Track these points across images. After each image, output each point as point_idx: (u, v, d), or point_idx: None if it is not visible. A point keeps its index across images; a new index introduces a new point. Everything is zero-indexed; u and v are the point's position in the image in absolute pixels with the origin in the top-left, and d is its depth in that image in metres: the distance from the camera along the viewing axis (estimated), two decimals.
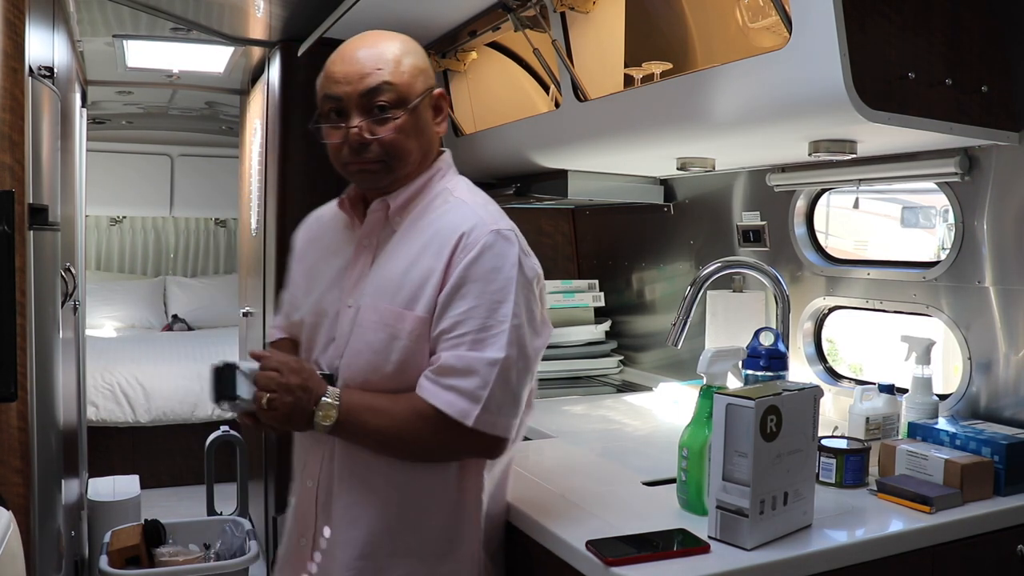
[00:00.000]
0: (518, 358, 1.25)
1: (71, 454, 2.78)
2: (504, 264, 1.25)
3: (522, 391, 1.27)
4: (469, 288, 1.24)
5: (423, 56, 1.41)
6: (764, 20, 1.71)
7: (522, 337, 1.25)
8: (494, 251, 1.26)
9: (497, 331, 1.23)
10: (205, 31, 3.18)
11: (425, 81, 1.38)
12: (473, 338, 1.23)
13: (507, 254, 1.26)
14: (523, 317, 1.25)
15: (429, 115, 1.38)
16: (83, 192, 3.63)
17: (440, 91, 1.40)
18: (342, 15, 2.34)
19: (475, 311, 1.24)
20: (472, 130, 2.68)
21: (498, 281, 1.24)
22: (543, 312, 1.33)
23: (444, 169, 1.41)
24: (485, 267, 1.25)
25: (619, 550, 1.18)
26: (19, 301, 1.56)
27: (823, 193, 2.11)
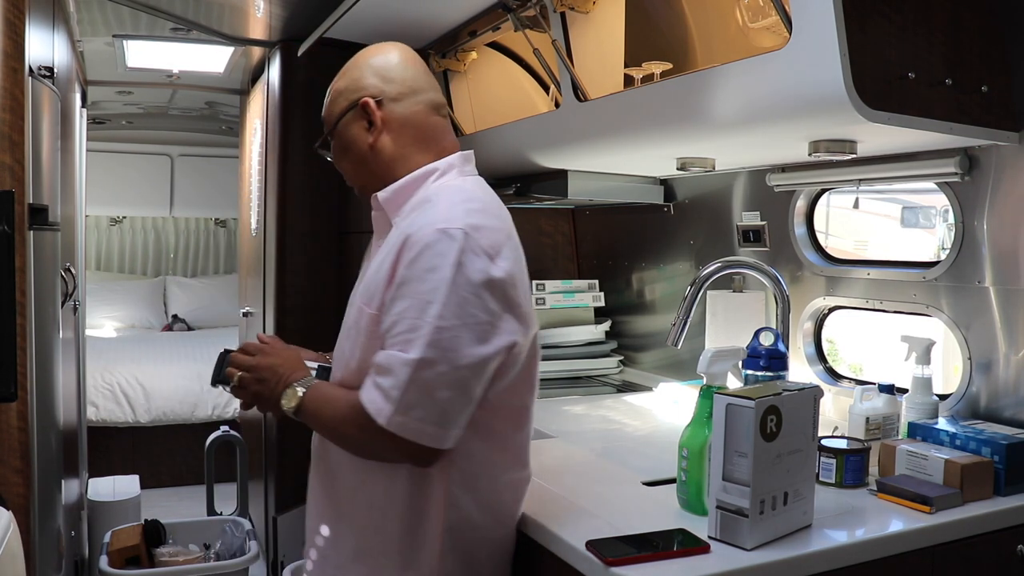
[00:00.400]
0: (439, 362, 1.19)
1: (71, 454, 2.78)
2: (441, 264, 1.20)
3: (450, 399, 1.20)
4: (406, 287, 1.22)
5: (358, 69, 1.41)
6: (764, 20, 1.71)
7: (448, 340, 1.19)
8: (433, 250, 1.21)
9: (421, 332, 1.19)
10: (205, 31, 3.18)
11: (344, 100, 1.40)
12: (402, 338, 1.21)
13: (446, 253, 1.20)
14: (453, 320, 1.19)
15: (357, 130, 1.39)
16: (83, 192, 3.63)
17: (363, 99, 1.37)
18: (342, 15, 2.34)
19: (408, 310, 1.21)
20: (472, 130, 2.68)
21: (431, 281, 1.20)
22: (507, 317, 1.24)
23: (444, 169, 1.38)
24: (422, 266, 1.21)
25: (619, 550, 1.18)
26: (19, 301, 1.56)
27: (823, 193, 2.10)
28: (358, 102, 1.38)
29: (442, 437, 1.22)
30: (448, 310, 1.19)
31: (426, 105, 1.40)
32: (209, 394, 4.72)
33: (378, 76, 1.38)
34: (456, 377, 1.20)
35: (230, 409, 4.71)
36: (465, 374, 1.21)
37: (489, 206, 1.33)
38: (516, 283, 1.26)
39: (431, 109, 1.41)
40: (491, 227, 1.27)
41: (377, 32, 2.57)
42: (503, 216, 1.34)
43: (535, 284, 2.71)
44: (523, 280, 1.30)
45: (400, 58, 1.41)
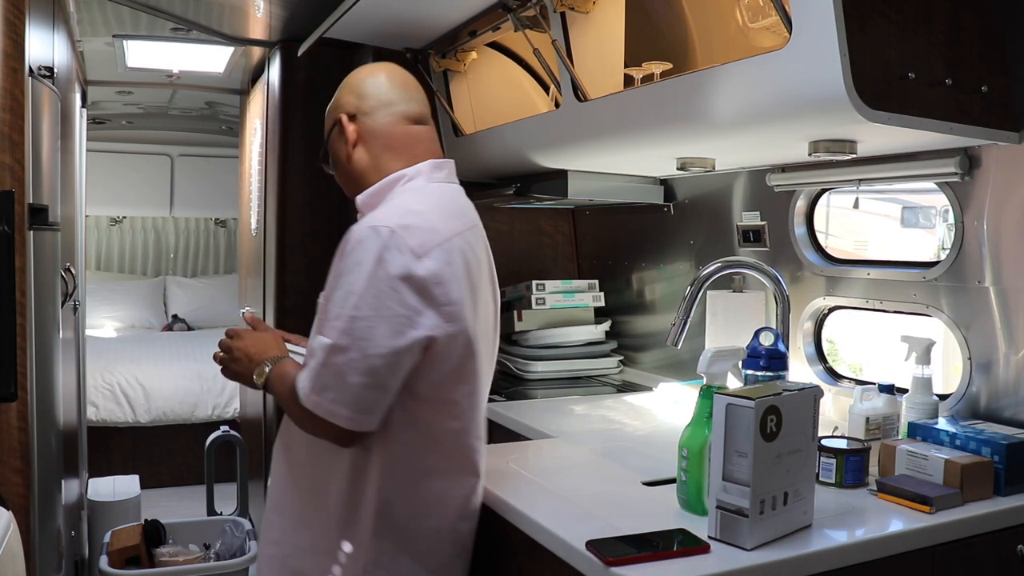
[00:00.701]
0: (351, 348, 1.28)
1: (71, 454, 2.78)
2: (365, 258, 1.29)
3: (361, 385, 1.28)
4: (339, 280, 1.32)
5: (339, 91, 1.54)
6: (764, 20, 1.71)
7: (361, 330, 1.28)
8: (362, 245, 1.31)
9: (340, 320, 1.29)
10: (205, 31, 3.18)
11: (330, 119, 1.54)
12: (328, 324, 1.31)
13: (370, 248, 1.29)
14: (368, 311, 1.28)
15: (339, 145, 1.51)
16: (83, 192, 3.63)
17: (338, 116, 1.50)
18: (342, 15, 2.34)
19: (336, 300, 1.31)
20: (472, 130, 2.68)
21: (355, 273, 1.30)
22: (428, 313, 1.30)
23: (412, 176, 1.46)
24: (350, 260, 1.31)
25: (619, 550, 1.18)
26: (19, 301, 1.56)
27: (823, 193, 2.11)
28: (337, 119, 1.51)
29: (355, 420, 1.31)
30: (364, 301, 1.28)
31: (399, 116, 1.49)
32: (209, 394, 4.72)
33: (354, 93, 1.51)
34: (367, 365, 1.28)
35: (230, 409, 4.71)
36: (376, 363, 1.28)
37: (432, 210, 1.39)
38: (444, 282, 1.32)
39: (405, 119, 1.50)
40: (424, 228, 1.34)
41: (377, 32, 2.57)
42: (448, 222, 1.39)
43: (535, 284, 2.72)
44: (456, 281, 1.35)
45: (380, 76, 1.52)
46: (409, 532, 1.40)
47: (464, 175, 2.92)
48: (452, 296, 1.33)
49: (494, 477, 1.56)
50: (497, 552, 1.51)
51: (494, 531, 1.49)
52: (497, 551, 1.51)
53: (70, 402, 2.82)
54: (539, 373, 2.64)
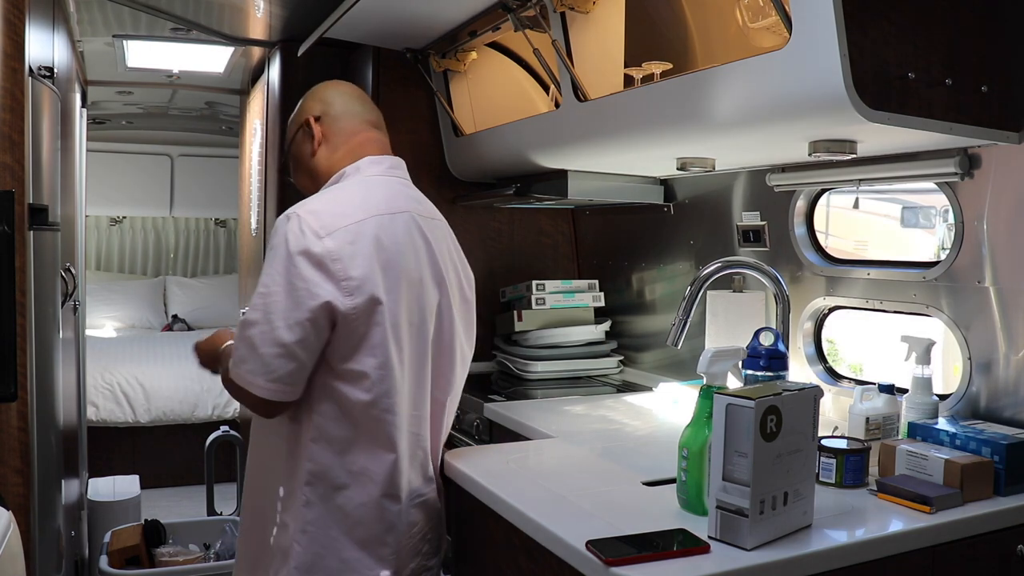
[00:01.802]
0: (261, 322, 1.40)
1: (71, 454, 2.78)
2: (277, 241, 1.43)
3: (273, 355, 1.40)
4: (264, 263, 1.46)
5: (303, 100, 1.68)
6: (764, 20, 1.71)
7: (269, 304, 1.40)
8: (276, 231, 1.45)
9: (255, 297, 1.42)
10: (205, 31, 3.18)
11: (294, 125, 1.67)
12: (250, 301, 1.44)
13: (280, 232, 1.43)
14: (274, 286, 1.40)
15: (305, 147, 1.64)
16: (83, 192, 3.63)
17: (305, 119, 1.64)
18: (342, 15, 2.34)
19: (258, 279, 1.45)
20: (472, 130, 2.69)
21: (269, 256, 1.44)
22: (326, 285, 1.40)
23: (351, 173, 1.59)
24: (271, 243, 1.45)
25: (619, 550, 1.18)
26: (19, 301, 1.56)
27: (823, 193, 2.10)
28: (304, 121, 1.64)
29: (270, 390, 1.42)
30: (272, 278, 1.41)
31: (361, 120, 1.64)
32: (209, 394, 4.72)
33: (319, 100, 1.65)
34: (274, 336, 1.39)
35: (230, 409, 4.71)
36: (282, 333, 1.39)
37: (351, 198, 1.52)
38: (342, 259, 1.42)
39: (367, 124, 1.65)
40: (332, 213, 1.46)
41: (377, 32, 2.57)
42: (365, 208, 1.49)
43: (535, 284, 2.72)
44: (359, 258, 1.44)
45: (343, 88, 1.69)
46: (335, 503, 1.48)
47: (464, 175, 2.95)
48: (351, 272, 1.42)
49: (494, 477, 1.56)
50: (497, 552, 1.51)
51: (494, 531, 1.50)
52: (497, 551, 1.51)
53: (70, 402, 2.82)
54: (539, 373, 2.64)
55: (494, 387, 2.59)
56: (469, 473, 1.60)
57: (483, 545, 1.58)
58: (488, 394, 2.41)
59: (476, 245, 2.94)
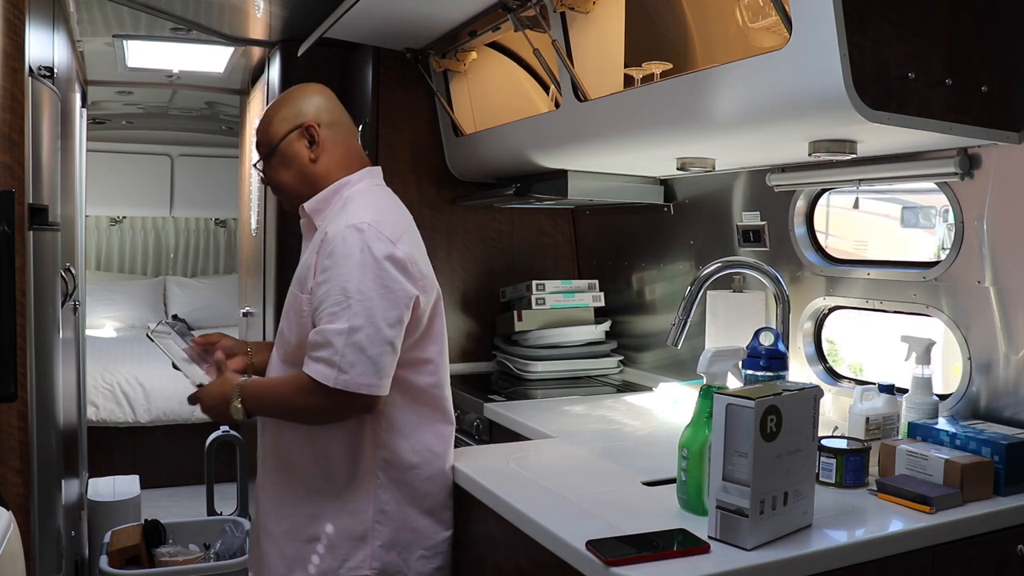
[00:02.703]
0: (364, 326, 1.49)
1: (71, 454, 2.78)
2: (351, 251, 1.51)
3: (380, 353, 1.50)
4: (327, 274, 1.53)
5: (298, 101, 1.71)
6: (764, 20, 1.71)
7: (368, 308, 1.50)
8: (346, 242, 1.52)
9: (342, 305, 1.50)
10: (205, 31, 3.18)
11: (288, 123, 1.70)
12: (330, 312, 1.51)
13: (355, 242, 1.52)
14: (370, 292, 1.50)
15: (299, 148, 1.69)
16: (83, 192, 3.63)
17: (307, 123, 1.68)
18: (342, 15, 2.34)
19: (331, 292, 1.51)
20: (472, 130, 2.68)
21: (345, 265, 1.51)
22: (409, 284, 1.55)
23: (355, 182, 1.69)
24: (338, 255, 1.52)
25: (619, 550, 1.18)
26: (19, 301, 1.56)
27: (823, 193, 2.10)
28: (303, 125, 1.68)
29: (380, 386, 1.52)
30: (364, 284, 1.50)
31: (349, 131, 1.73)
32: None
33: (314, 105, 1.71)
34: (381, 336, 1.50)
35: None
36: (387, 332, 1.51)
37: (390, 207, 1.66)
38: (416, 261, 1.59)
39: (351, 134, 1.74)
40: (391, 221, 1.59)
41: (377, 32, 2.57)
42: (402, 215, 1.66)
43: (535, 284, 2.72)
44: (423, 260, 1.64)
45: (329, 95, 1.74)
46: (406, 482, 1.63)
47: (464, 175, 2.95)
48: (422, 270, 1.60)
49: (494, 477, 1.56)
50: (497, 552, 1.51)
51: (494, 531, 1.50)
52: (497, 551, 1.51)
53: (70, 402, 2.82)
54: (539, 373, 2.64)
55: (494, 387, 2.59)
56: (469, 473, 1.60)
57: (483, 545, 1.58)
58: (488, 394, 2.41)
59: (476, 245, 2.94)
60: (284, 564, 1.64)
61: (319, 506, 1.62)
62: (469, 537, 1.65)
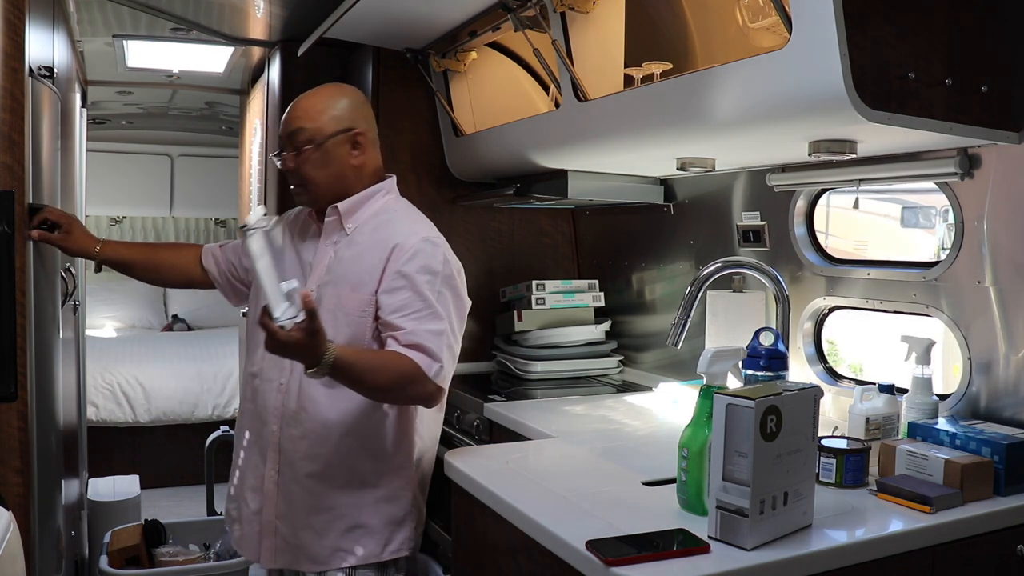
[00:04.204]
0: (450, 331, 1.69)
1: (71, 454, 2.78)
2: (433, 264, 1.69)
3: (455, 354, 1.71)
4: (410, 280, 1.67)
5: (348, 105, 1.78)
6: (764, 20, 1.71)
7: (450, 315, 1.69)
8: (427, 255, 1.69)
9: (436, 310, 1.67)
10: (205, 31, 3.18)
11: (338, 124, 1.76)
12: (421, 315, 1.66)
13: (436, 255, 1.70)
14: (450, 301, 1.70)
15: (344, 150, 1.76)
16: (83, 192, 3.63)
17: (358, 131, 1.76)
18: (342, 15, 2.34)
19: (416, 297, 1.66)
20: (472, 130, 2.68)
21: (426, 275, 1.68)
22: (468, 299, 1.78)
23: (387, 188, 1.83)
24: (419, 264, 1.68)
25: (619, 550, 1.18)
26: (19, 301, 1.56)
27: (823, 193, 2.10)
28: (354, 131, 1.76)
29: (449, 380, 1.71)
30: (449, 294, 1.70)
31: (376, 142, 1.84)
32: (209, 394, 4.72)
33: (363, 116, 1.80)
34: (457, 338, 1.72)
35: (230, 409, 4.71)
36: (459, 335, 1.74)
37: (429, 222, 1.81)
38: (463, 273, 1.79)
39: (378, 144, 1.85)
40: (440, 236, 1.77)
41: (377, 32, 2.57)
42: None
43: (535, 284, 2.72)
44: None
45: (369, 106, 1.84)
46: (426, 467, 1.84)
47: (464, 175, 2.95)
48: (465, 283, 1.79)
49: (494, 477, 1.56)
50: (497, 552, 1.51)
51: (494, 531, 1.50)
52: (497, 551, 1.51)
53: (70, 402, 2.82)
54: (539, 373, 2.64)
55: (494, 387, 2.59)
56: (469, 473, 1.60)
57: (483, 545, 1.58)
58: (488, 394, 2.41)
59: (476, 245, 2.94)
60: (325, 554, 1.71)
61: (360, 496, 1.72)
62: (469, 537, 1.65)
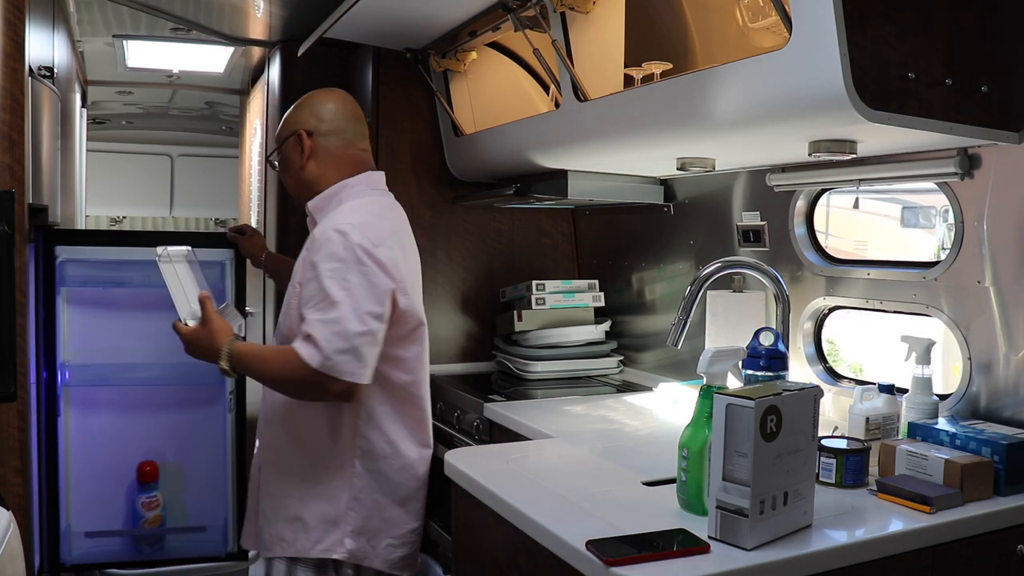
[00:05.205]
0: (351, 317, 1.62)
1: None
2: (337, 250, 1.65)
3: (363, 343, 1.64)
4: (315, 270, 1.66)
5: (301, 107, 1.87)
6: (764, 20, 1.72)
7: (355, 302, 1.64)
8: (332, 242, 1.66)
9: (331, 299, 1.63)
10: (205, 31, 3.18)
11: (287, 129, 1.87)
12: (321, 305, 1.64)
13: (339, 242, 1.66)
14: (355, 287, 1.64)
15: (295, 152, 1.85)
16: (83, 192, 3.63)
17: (302, 130, 1.83)
18: (342, 15, 2.34)
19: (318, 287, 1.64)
20: (472, 130, 2.68)
21: (330, 263, 1.65)
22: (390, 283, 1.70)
23: (354, 185, 1.83)
24: (321, 253, 1.66)
25: (619, 550, 1.18)
26: (19, 301, 1.56)
27: (823, 193, 2.10)
28: (297, 132, 1.84)
29: (360, 374, 1.64)
30: (347, 281, 1.64)
31: (346, 142, 1.86)
32: None
33: (314, 115, 1.86)
34: (366, 326, 1.64)
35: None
36: (371, 324, 1.65)
37: (380, 213, 1.80)
38: (397, 264, 1.72)
39: (349, 145, 1.87)
40: (376, 226, 1.73)
41: (377, 32, 2.57)
42: (388, 222, 1.80)
43: (535, 284, 2.72)
44: (406, 264, 1.77)
45: (337, 104, 1.88)
46: (381, 472, 1.77)
47: (464, 175, 2.95)
48: (403, 274, 1.73)
49: (494, 477, 1.56)
50: (497, 552, 1.51)
51: (494, 531, 1.50)
52: (497, 551, 1.51)
53: None
54: (539, 373, 2.64)
55: (494, 387, 2.59)
56: (469, 473, 1.60)
57: (483, 545, 1.58)
58: (488, 394, 2.41)
59: (476, 245, 2.94)
60: (271, 541, 1.78)
61: (302, 489, 1.76)
62: (469, 537, 1.65)
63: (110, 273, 2.54)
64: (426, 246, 2.87)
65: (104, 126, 5.62)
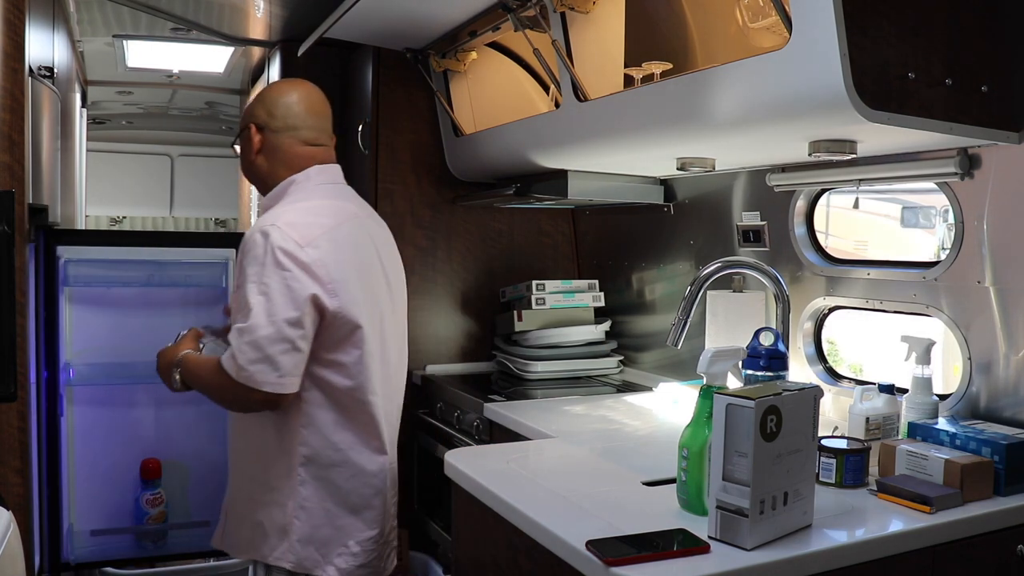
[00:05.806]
0: (264, 325, 1.55)
1: None
2: (259, 253, 1.58)
3: (280, 351, 1.57)
4: (241, 275, 1.61)
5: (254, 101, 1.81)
6: (764, 20, 1.72)
7: (271, 307, 1.56)
8: (255, 245, 1.59)
9: (249, 305, 1.57)
10: (205, 31, 3.18)
11: (243, 120, 1.82)
12: (240, 313, 1.59)
13: (261, 244, 1.59)
14: (272, 292, 1.56)
15: (248, 146, 1.80)
16: (83, 192, 3.63)
17: (251, 124, 1.78)
18: (342, 15, 2.34)
19: (239, 291, 1.60)
20: (472, 130, 2.68)
21: (254, 266, 1.58)
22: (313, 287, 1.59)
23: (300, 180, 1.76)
24: (249, 257, 1.60)
25: (619, 550, 1.18)
26: (19, 301, 1.56)
27: (823, 193, 2.10)
28: (248, 125, 1.79)
29: (280, 384, 1.58)
30: (265, 285, 1.57)
31: (298, 140, 1.77)
32: None
33: (266, 109, 1.78)
34: (280, 334, 1.56)
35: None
36: (286, 331, 1.57)
37: (316, 210, 1.69)
38: (326, 264, 1.61)
39: (303, 143, 1.78)
40: (307, 224, 1.63)
41: (377, 32, 2.57)
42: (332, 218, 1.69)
43: (535, 284, 2.72)
44: (339, 264, 1.64)
45: (293, 98, 1.79)
46: (328, 479, 1.69)
47: (464, 175, 2.95)
48: (333, 275, 1.62)
49: (494, 477, 1.56)
50: (497, 552, 1.51)
51: (494, 531, 1.50)
52: (497, 551, 1.51)
53: None
54: (539, 373, 2.64)
55: (494, 387, 2.59)
56: (469, 473, 1.60)
57: (483, 545, 1.58)
58: (488, 394, 2.41)
59: (476, 245, 2.94)
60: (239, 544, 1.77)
61: (259, 495, 1.72)
62: (469, 537, 1.65)
63: (112, 272, 2.55)
64: (426, 246, 2.87)
65: (104, 126, 5.62)
